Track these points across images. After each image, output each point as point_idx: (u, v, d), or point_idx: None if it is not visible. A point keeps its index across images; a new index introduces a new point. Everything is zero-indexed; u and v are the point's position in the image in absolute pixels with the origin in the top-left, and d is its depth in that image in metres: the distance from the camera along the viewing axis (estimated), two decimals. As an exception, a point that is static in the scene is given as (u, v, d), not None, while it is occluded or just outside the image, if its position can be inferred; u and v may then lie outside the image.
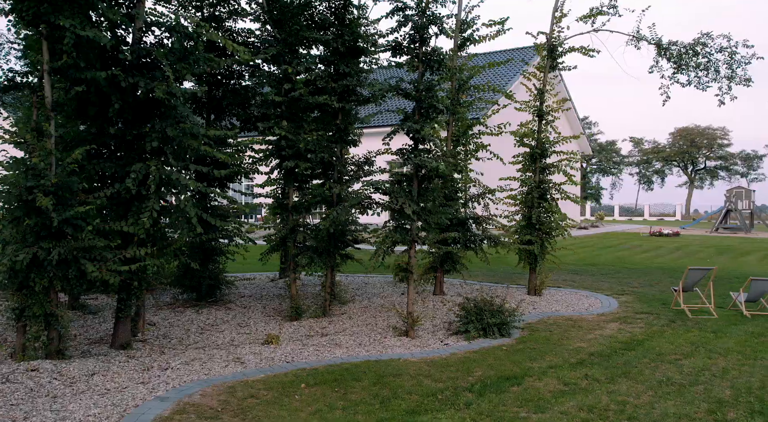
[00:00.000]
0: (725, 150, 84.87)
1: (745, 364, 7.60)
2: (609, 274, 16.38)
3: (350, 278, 14.90)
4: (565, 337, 9.07)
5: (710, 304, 11.00)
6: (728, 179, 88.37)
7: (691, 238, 29.27)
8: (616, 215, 72.43)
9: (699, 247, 24.37)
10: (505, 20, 11.99)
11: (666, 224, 47.75)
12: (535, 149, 12.20)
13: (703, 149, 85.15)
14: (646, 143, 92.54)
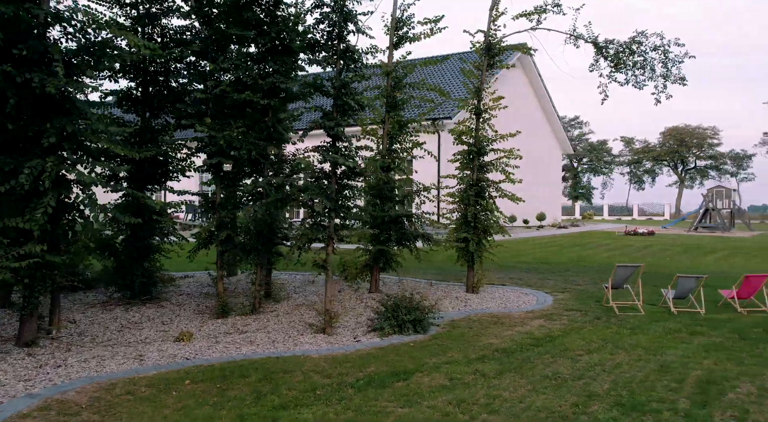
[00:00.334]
0: (715, 150, 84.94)
1: (643, 359, 7.63)
2: (561, 272, 16.42)
3: (297, 276, 14.93)
4: (480, 334, 9.10)
5: (638, 301, 11.03)
6: (719, 178, 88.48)
7: (665, 237, 29.29)
8: (606, 214, 72.33)
9: (667, 246, 24.41)
10: (440, 19, 12.03)
11: (655, 223, 47.86)
12: (473, 147, 12.21)
13: (693, 149, 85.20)
14: (637, 143, 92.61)
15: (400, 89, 11.79)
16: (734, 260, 19.73)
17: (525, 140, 35.53)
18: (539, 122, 37.33)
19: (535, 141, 36.48)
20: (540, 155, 36.97)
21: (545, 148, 37.91)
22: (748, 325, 9.79)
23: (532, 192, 35.32)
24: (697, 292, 11.00)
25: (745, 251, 22.58)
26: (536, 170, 36.25)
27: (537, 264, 18.03)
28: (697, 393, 6.23)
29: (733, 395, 6.20)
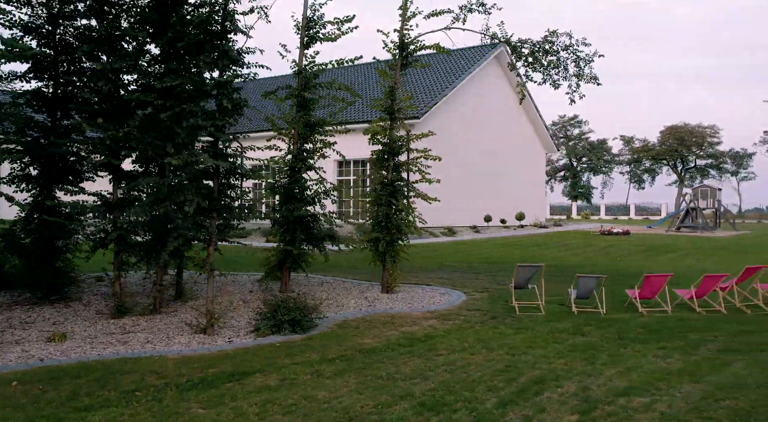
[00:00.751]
0: (715, 149, 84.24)
1: (497, 360, 7.58)
2: (497, 272, 16.36)
3: (243, 276, 14.92)
4: (360, 334, 9.07)
5: (541, 301, 10.98)
6: (719, 177, 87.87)
7: (637, 237, 29.08)
8: (603, 214, 71.93)
9: (631, 246, 24.26)
10: (351, 18, 12.01)
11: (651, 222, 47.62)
12: (386, 147, 12.18)
13: (693, 148, 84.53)
14: (637, 142, 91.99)
15: (309, 89, 11.78)
16: (686, 261, 19.58)
17: (504, 139, 35.58)
18: (519, 121, 37.15)
19: (515, 140, 36.36)
20: (520, 155, 36.81)
21: (526, 147, 37.73)
22: (637, 325, 9.72)
23: (512, 192, 35.28)
24: (599, 292, 10.93)
25: (707, 251, 22.40)
26: (516, 170, 36.15)
27: (481, 264, 17.96)
28: (514, 393, 6.20)
29: (547, 395, 6.16)
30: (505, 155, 34.93)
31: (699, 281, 10.93)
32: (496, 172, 33.99)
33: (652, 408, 5.78)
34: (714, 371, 7.12)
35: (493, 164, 33.69)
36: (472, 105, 32.18)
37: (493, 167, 33.73)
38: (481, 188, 32.41)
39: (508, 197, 35.18)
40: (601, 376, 6.88)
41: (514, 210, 35.14)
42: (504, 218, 33.90)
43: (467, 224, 30.82)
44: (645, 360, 7.65)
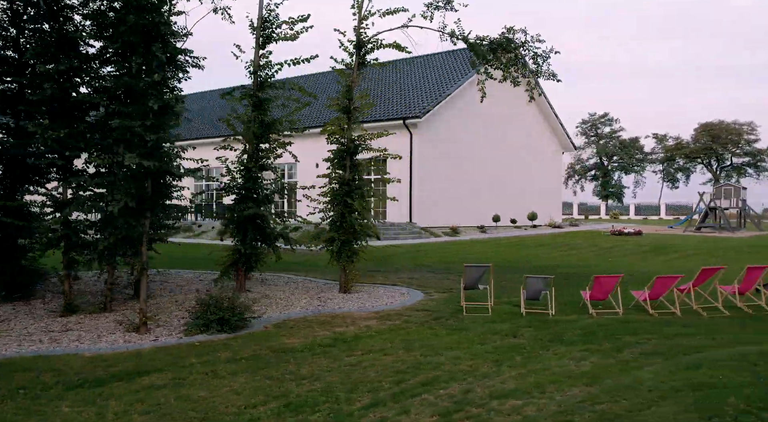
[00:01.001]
0: (753, 146, 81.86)
1: (405, 360, 7.49)
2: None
3: (199, 274, 15.08)
4: (291, 334, 9.07)
5: (489, 302, 10.82)
6: (756, 176, 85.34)
7: (650, 237, 28.38)
8: (632, 213, 70.57)
9: (635, 247, 23.70)
10: (307, 18, 12.02)
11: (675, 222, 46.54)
12: (344, 146, 12.15)
13: (729, 146, 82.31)
14: (670, 140, 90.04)
15: (263, 90, 11.82)
16: (683, 262, 19.07)
17: (516, 139, 35.13)
18: (534, 120, 36.61)
19: (529, 139, 35.87)
20: (534, 154, 36.27)
21: (541, 146, 37.13)
22: (579, 327, 9.49)
23: (524, 191, 34.81)
24: (550, 293, 10.72)
25: (714, 252, 21.75)
26: (529, 169, 35.67)
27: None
28: (392, 394, 6.12)
29: (424, 396, 6.07)
30: (517, 155, 34.51)
31: (651, 282, 10.63)
32: (506, 171, 33.61)
33: (518, 411, 5.64)
34: (619, 374, 6.91)
35: (503, 163, 33.32)
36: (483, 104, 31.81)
37: (503, 167, 33.36)
38: (490, 188, 32.07)
39: (520, 196, 34.72)
40: (496, 378, 6.74)
41: (526, 210, 34.68)
42: (514, 218, 33.46)
43: (474, 224, 30.52)
44: (557, 362, 7.47)
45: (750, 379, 6.61)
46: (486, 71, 12.74)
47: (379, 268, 16.58)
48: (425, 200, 27.89)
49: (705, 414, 5.56)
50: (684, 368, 7.16)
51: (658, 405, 5.81)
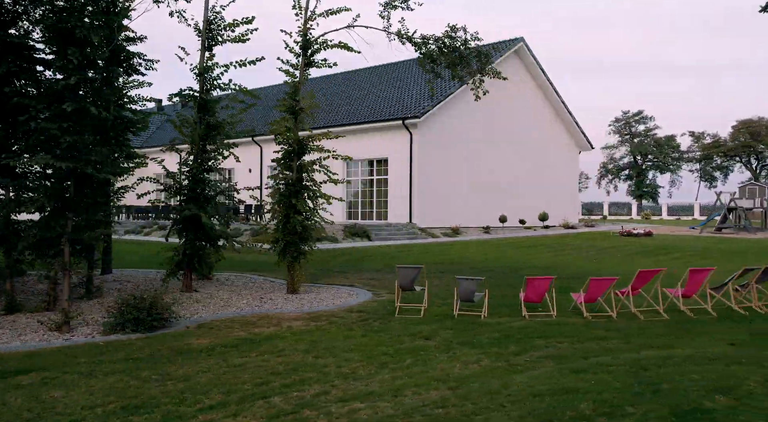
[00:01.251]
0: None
1: (290, 362, 7.44)
2: (440, 272, 15.94)
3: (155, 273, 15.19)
4: (206, 334, 9.11)
5: (424, 304, 10.69)
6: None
7: (658, 238, 27.66)
8: (665, 214, 69.00)
9: (634, 247, 23.15)
10: (251, 20, 12.07)
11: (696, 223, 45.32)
12: (290, 147, 12.15)
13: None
14: (708, 138, 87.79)
15: (208, 92, 11.90)
16: (668, 263, 18.52)
17: (526, 138, 34.61)
18: (547, 119, 36.04)
19: (541, 139, 35.33)
20: (547, 154, 35.68)
21: (555, 146, 36.48)
22: (499, 330, 9.30)
23: (535, 191, 34.29)
24: (484, 295, 10.53)
25: (716, 254, 21.08)
26: (542, 169, 35.12)
27: (441, 265, 17.54)
28: (230, 398, 6.07)
29: (262, 402, 6.00)
30: (527, 154, 34.02)
31: (586, 285, 10.36)
32: (516, 171, 33.17)
33: (351, 415, 5.55)
34: (494, 377, 6.73)
35: (512, 163, 32.91)
36: (488, 102, 31.45)
37: (512, 167, 32.95)
38: (497, 188, 31.70)
39: (531, 197, 34.22)
40: (366, 380, 6.65)
41: (537, 211, 34.19)
42: (523, 219, 33.00)
43: (480, 224, 30.22)
44: (446, 365, 7.32)
45: (625, 384, 6.39)
46: (433, 70, 12.57)
47: (349, 268, 16.54)
48: (426, 200, 27.74)
49: (540, 419, 5.39)
50: (568, 372, 6.95)
51: (500, 410, 5.65)
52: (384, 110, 29.21)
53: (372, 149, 28.97)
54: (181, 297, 11.70)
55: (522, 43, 33.17)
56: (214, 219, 12.02)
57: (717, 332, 9.17)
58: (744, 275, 10.89)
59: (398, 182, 27.97)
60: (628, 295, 10.61)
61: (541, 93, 35.46)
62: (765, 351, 7.91)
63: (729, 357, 7.60)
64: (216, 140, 12.13)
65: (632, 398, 5.99)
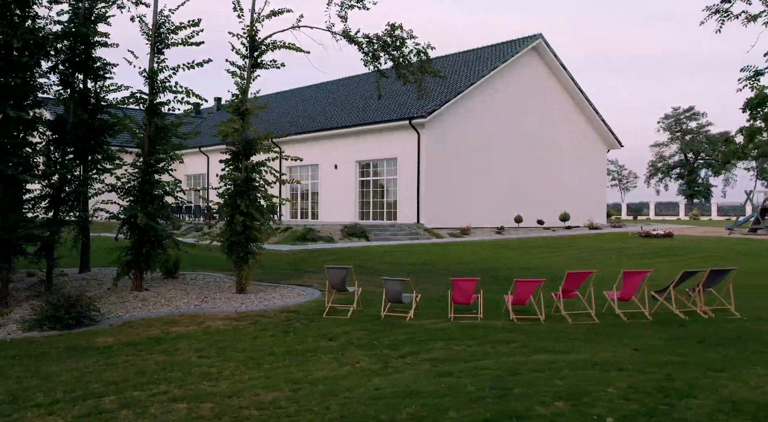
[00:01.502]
0: None
1: (171, 363, 7.50)
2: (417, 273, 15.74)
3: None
4: (121, 333, 9.29)
5: (353, 305, 10.60)
6: None
7: (679, 240, 26.66)
8: (714, 214, 66.63)
9: (642, 249, 22.39)
10: (198, 22, 12.20)
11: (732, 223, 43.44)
12: (238, 147, 12.23)
13: (832, 139, 75.80)
14: (765, 134, 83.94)
15: (156, 94, 12.09)
16: (667, 265, 17.85)
17: (546, 137, 33.88)
18: (570, 116, 35.23)
19: (563, 137, 34.58)
20: (571, 152, 34.89)
21: (580, 145, 35.60)
22: (414, 332, 9.11)
23: (557, 191, 33.59)
24: (414, 296, 10.37)
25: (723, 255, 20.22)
26: (565, 168, 34.38)
27: (421, 266, 17.34)
28: (63, 392, 6.15)
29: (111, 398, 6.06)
30: (546, 153, 33.34)
31: (513, 286, 10.08)
32: (534, 170, 32.53)
33: (166, 413, 5.55)
34: (352, 380, 6.62)
35: (529, 162, 32.30)
36: (503, 101, 31.03)
37: (530, 166, 32.34)
38: (513, 188, 31.17)
39: (551, 196, 33.53)
40: (222, 381, 6.66)
41: (558, 211, 33.49)
42: (541, 219, 32.31)
43: (493, 225, 29.76)
44: (317, 367, 7.25)
45: (477, 389, 6.21)
46: (377, 69, 12.44)
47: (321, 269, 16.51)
48: (435, 200, 27.51)
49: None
50: (434, 375, 6.78)
51: (320, 412, 5.56)
52: (393, 111, 29.12)
53: (382, 149, 28.94)
54: (128, 296, 11.91)
55: (540, 39, 32.55)
56: (161, 220, 12.18)
57: (634, 336, 8.79)
58: (685, 278, 10.39)
59: (407, 182, 27.83)
60: (559, 298, 10.27)
61: (564, 91, 34.69)
62: (664, 357, 7.54)
63: (618, 362, 7.26)
64: (165, 142, 12.31)
65: (467, 403, 5.79)
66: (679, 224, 44.78)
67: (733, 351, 7.91)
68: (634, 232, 29.80)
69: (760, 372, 6.87)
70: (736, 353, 7.83)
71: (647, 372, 6.83)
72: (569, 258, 19.52)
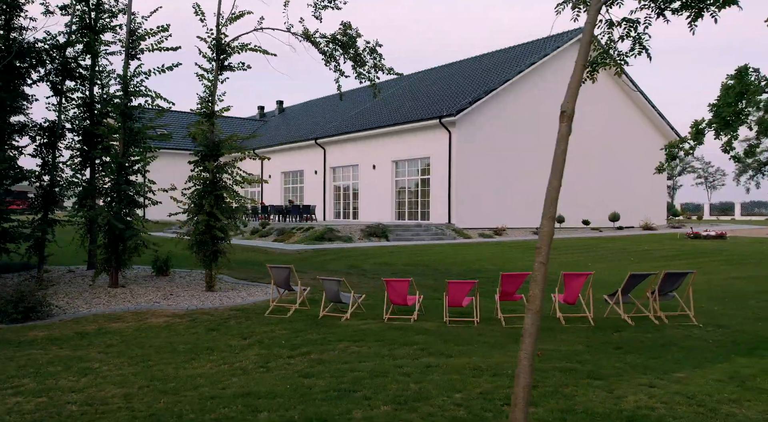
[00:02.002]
0: None
1: (61, 358, 7.76)
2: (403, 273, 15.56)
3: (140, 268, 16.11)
4: (61, 327, 9.62)
5: (296, 304, 10.62)
6: None
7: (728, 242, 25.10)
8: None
9: (679, 251, 21.21)
10: (167, 28, 12.57)
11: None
12: (206, 149, 12.50)
13: None
14: None
15: (129, 98, 12.53)
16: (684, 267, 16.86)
17: (596, 133, 32.61)
18: (623, 112, 33.86)
19: (615, 133, 33.28)
20: (622, 149, 33.51)
21: (635, 141, 34.08)
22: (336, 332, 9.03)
23: (607, 190, 32.37)
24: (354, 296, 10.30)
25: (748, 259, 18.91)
26: (613, 166, 33.10)
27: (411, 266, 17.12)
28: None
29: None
30: (594, 150, 32.13)
31: (446, 288, 9.81)
32: (580, 169, 31.40)
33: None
34: (212, 379, 6.65)
35: (577, 159, 31.18)
36: (545, 96, 30.17)
37: (576, 163, 31.19)
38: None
39: (603, 196, 32.35)
40: (73, 377, 6.84)
41: (608, 210, 32.28)
42: (587, 219, 31.22)
43: (532, 225, 29.00)
44: (195, 365, 7.32)
45: (326, 388, 6.17)
46: (338, 69, 12.38)
47: (317, 269, 16.59)
48: (467, 200, 27.11)
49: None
50: (297, 376, 6.73)
51: (133, 409, 5.65)
52: (425, 110, 28.92)
53: (416, 148, 28.80)
54: (101, 293, 12.38)
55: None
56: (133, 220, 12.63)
57: (558, 341, 8.47)
58: (632, 281, 9.80)
59: (440, 181, 27.55)
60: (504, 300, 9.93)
61: (616, 85, 33.36)
62: (559, 364, 7.18)
63: (500, 368, 6.97)
64: (139, 145, 12.73)
65: (292, 404, 5.74)
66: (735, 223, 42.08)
67: (641, 359, 7.45)
68: (681, 233, 28.33)
69: (641, 382, 6.46)
70: (642, 361, 7.37)
71: (502, 376, 6.58)
72: (574, 261, 18.73)
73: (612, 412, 5.54)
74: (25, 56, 12.48)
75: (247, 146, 15.50)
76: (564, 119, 4.30)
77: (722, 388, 6.24)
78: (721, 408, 5.64)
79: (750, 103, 9.36)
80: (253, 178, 12.49)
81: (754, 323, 9.64)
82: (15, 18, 12.52)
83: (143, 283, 13.64)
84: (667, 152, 10.75)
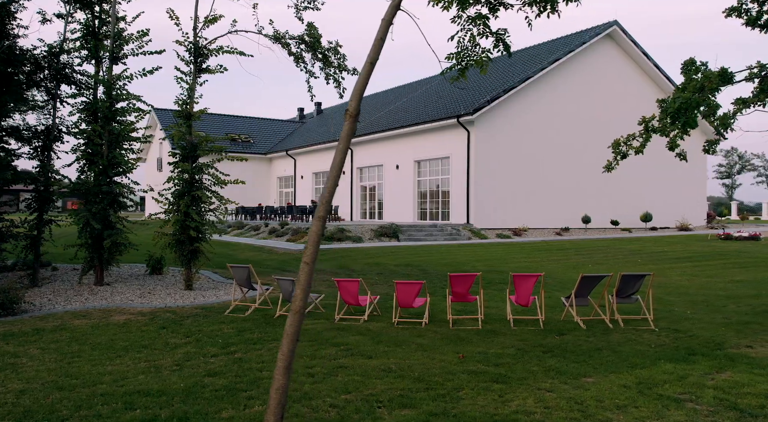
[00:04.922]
0: None
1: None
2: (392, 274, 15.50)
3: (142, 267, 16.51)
4: (27, 324, 9.87)
5: (255, 303, 10.72)
6: None
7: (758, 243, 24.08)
8: None
9: (703, 253, 20.48)
10: (147, 33, 12.86)
11: None
12: (185, 150, 12.74)
13: None
14: None
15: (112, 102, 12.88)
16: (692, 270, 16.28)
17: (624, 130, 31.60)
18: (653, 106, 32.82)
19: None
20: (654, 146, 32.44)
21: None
22: (269, 332, 9.10)
23: (641, 189, 31.51)
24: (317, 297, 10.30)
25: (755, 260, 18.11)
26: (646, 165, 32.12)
27: (405, 268, 17.02)
28: None
29: None
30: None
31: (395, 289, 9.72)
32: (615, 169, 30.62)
33: None
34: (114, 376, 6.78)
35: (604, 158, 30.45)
36: (569, 93, 29.56)
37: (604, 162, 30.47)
38: (581, 187, 29.58)
39: (635, 195, 31.49)
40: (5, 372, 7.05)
41: (640, 210, 31.40)
42: (616, 219, 30.41)
43: (555, 225, 28.46)
44: (114, 362, 7.47)
45: (186, 386, 6.20)
46: (307, 70, 12.40)
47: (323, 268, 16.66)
48: (485, 199, 26.80)
49: (11, 416, 5.47)
50: (197, 375, 6.79)
51: (16, 404, 5.80)
52: (445, 109, 28.72)
53: (436, 148, 28.65)
54: (83, 290, 12.76)
55: (616, 26, 30.70)
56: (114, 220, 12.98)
57: (491, 344, 8.31)
58: (585, 283, 9.50)
59: (460, 181, 27.32)
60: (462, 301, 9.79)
61: (647, 79, 32.40)
62: (472, 367, 7.06)
63: (407, 370, 6.88)
64: (122, 147, 13.08)
65: (172, 401, 5.79)
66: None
67: (562, 363, 7.25)
68: (713, 234, 27.29)
69: (541, 386, 6.33)
70: (561, 365, 7.18)
71: (406, 378, 6.49)
72: (577, 262, 18.26)
73: (485, 416, 5.41)
74: (16, 63, 12.93)
75: (279, 148, 15.69)
76: (347, 117, 4.20)
77: (619, 394, 6.01)
78: (599, 414, 5.45)
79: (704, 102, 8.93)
80: (229, 180, 12.64)
81: (716, 328, 9.22)
82: (7, 25, 13.01)
83: (130, 281, 13.98)
84: (614, 151, 10.40)
